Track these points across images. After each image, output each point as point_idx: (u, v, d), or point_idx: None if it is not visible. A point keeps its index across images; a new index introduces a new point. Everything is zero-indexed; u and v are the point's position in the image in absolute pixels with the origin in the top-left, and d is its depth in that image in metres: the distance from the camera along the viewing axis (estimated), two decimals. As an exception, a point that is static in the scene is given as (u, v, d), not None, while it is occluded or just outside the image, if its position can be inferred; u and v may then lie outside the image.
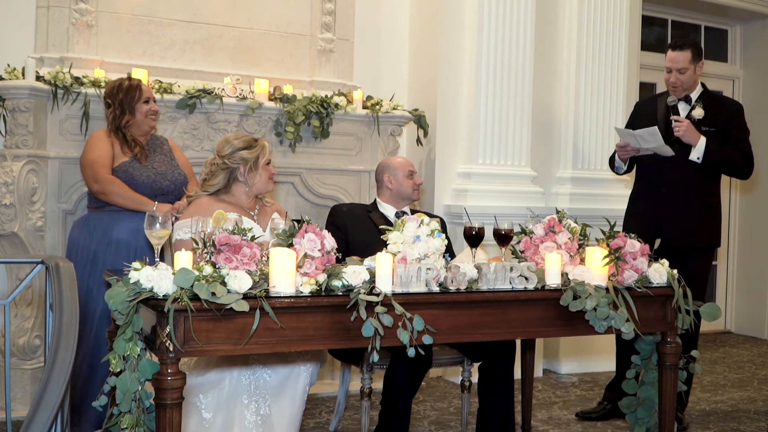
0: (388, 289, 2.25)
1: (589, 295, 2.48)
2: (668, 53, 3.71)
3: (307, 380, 2.80)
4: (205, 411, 2.67)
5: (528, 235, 2.79)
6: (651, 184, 3.75)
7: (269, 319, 2.10)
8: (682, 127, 3.59)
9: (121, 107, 3.25)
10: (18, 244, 3.51)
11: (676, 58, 3.67)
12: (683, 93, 3.74)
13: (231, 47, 4.17)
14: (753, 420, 3.87)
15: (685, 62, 3.66)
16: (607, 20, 4.81)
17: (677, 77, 3.68)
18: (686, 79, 3.69)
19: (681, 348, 2.79)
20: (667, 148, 3.61)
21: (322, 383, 4.08)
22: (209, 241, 2.16)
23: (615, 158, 3.86)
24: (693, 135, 3.59)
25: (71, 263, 2.17)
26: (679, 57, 3.66)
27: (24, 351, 3.58)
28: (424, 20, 4.67)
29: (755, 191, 6.27)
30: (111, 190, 3.17)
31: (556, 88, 4.83)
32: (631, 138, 3.64)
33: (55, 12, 3.77)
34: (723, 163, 3.68)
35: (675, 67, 3.66)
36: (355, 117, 4.23)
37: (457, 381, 4.05)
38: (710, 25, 6.34)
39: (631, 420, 2.99)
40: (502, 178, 4.52)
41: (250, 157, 2.91)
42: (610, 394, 3.80)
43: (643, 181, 3.84)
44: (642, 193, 3.83)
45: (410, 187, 3.36)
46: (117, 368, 2.12)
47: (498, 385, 3.10)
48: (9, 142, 3.55)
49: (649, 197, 3.75)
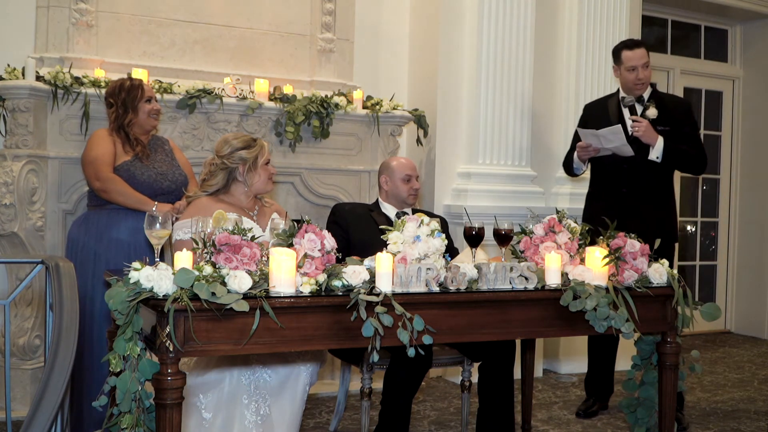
0: (388, 289, 2.25)
1: (589, 295, 2.48)
2: (626, 53, 3.74)
3: (307, 380, 2.80)
4: (205, 411, 2.67)
5: (528, 235, 2.79)
6: (610, 184, 3.78)
7: (269, 319, 2.10)
8: (641, 127, 3.62)
9: (124, 106, 3.26)
10: (18, 244, 3.51)
11: (640, 55, 3.73)
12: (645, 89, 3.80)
13: (231, 47, 4.17)
14: (753, 420, 3.87)
15: (645, 57, 3.74)
16: (607, 20, 4.81)
17: (644, 73, 3.73)
18: (650, 73, 3.78)
19: (681, 348, 2.80)
20: (627, 148, 3.64)
21: (322, 383, 4.08)
22: (209, 241, 2.16)
23: (573, 159, 3.83)
24: (651, 135, 3.63)
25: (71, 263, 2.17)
26: (641, 53, 3.73)
27: (24, 351, 3.58)
28: (424, 20, 4.67)
29: (755, 191, 6.27)
30: (112, 188, 3.17)
31: (557, 88, 4.83)
32: (594, 138, 3.65)
33: (55, 12, 3.77)
34: (681, 161, 3.79)
35: (640, 63, 3.72)
36: (355, 117, 4.23)
37: (457, 381, 4.05)
38: (710, 25, 6.34)
39: (631, 420, 2.99)
40: (502, 178, 4.52)
41: (249, 157, 2.91)
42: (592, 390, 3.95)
43: (601, 181, 3.85)
44: (601, 194, 3.84)
45: (405, 192, 3.35)
46: (117, 368, 2.12)
47: (498, 385, 3.10)
48: (9, 142, 3.56)
49: (609, 197, 3.76)
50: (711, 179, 6.41)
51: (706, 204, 6.42)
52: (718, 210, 6.42)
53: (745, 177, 6.35)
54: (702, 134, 6.30)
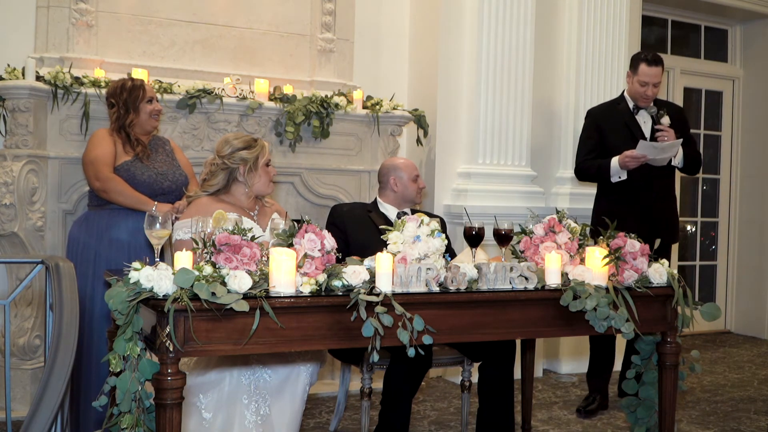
0: (388, 289, 2.24)
1: (589, 295, 2.47)
2: (644, 68, 3.82)
3: (307, 380, 2.80)
4: (205, 411, 2.67)
5: (528, 235, 2.78)
6: (638, 192, 3.83)
7: (269, 319, 2.09)
8: (669, 136, 3.77)
9: (126, 106, 3.26)
10: (18, 244, 3.51)
11: (656, 74, 3.82)
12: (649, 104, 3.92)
13: (231, 47, 4.17)
14: (753, 420, 3.87)
15: (659, 77, 3.85)
16: (607, 20, 4.81)
17: (653, 90, 3.86)
18: (658, 91, 3.90)
19: (681, 348, 2.80)
20: (667, 158, 3.79)
21: (322, 383, 4.08)
22: (209, 241, 2.16)
23: (611, 166, 3.82)
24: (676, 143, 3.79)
25: (71, 263, 2.17)
26: (657, 72, 3.83)
27: (24, 351, 3.58)
28: (424, 20, 4.67)
29: (755, 191, 6.27)
30: (112, 188, 3.17)
31: (557, 88, 4.83)
32: (653, 150, 3.72)
33: (55, 12, 3.77)
34: (693, 165, 3.96)
35: (653, 82, 3.83)
36: (355, 117, 4.23)
37: (457, 381, 4.05)
38: (710, 25, 6.34)
39: (631, 420, 2.99)
40: (502, 178, 4.52)
41: (250, 158, 2.91)
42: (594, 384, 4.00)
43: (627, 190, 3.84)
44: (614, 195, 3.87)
45: (415, 191, 3.35)
46: (117, 368, 2.12)
47: (498, 385, 3.10)
48: (9, 142, 3.56)
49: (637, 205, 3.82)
50: (711, 179, 6.41)
51: (706, 204, 6.42)
52: (718, 210, 6.42)
53: (745, 177, 6.35)
54: (702, 134, 6.33)
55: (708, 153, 6.38)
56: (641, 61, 3.84)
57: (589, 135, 3.99)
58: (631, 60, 3.94)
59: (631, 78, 3.91)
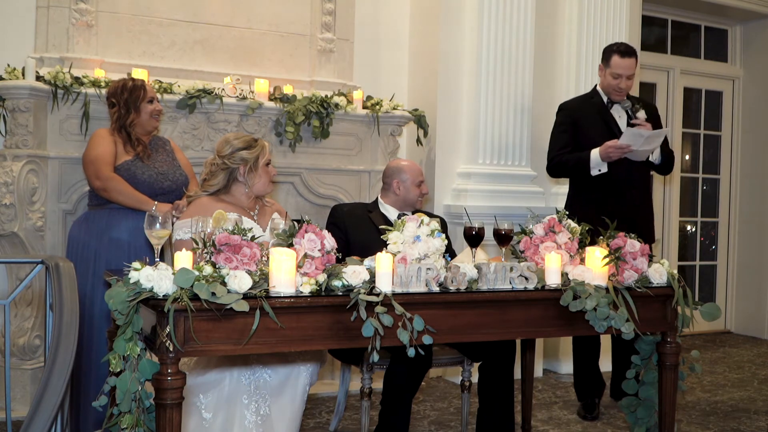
0: (388, 289, 2.25)
1: (589, 295, 2.48)
2: (616, 59, 3.74)
3: (307, 380, 2.80)
4: (205, 411, 2.67)
5: (528, 235, 2.79)
6: (617, 186, 3.74)
7: (269, 319, 2.10)
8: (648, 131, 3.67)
9: (126, 106, 3.26)
10: (18, 244, 3.51)
11: (629, 65, 3.74)
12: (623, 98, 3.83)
13: (231, 47, 4.17)
14: (753, 420, 3.88)
15: (633, 68, 3.76)
16: (607, 20, 4.81)
17: (626, 83, 3.77)
18: (632, 84, 3.81)
19: (681, 348, 2.80)
20: (648, 151, 3.70)
21: (322, 383, 4.08)
22: (209, 241, 2.16)
23: (590, 159, 3.72)
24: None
25: (71, 263, 2.17)
26: (630, 64, 3.75)
27: (24, 351, 3.58)
28: (424, 20, 4.68)
29: (755, 191, 6.26)
30: (112, 187, 3.17)
31: (556, 88, 4.83)
32: (637, 139, 3.61)
33: (55, 12, 3.77)
34: (669, 163, 3.90)
35: (626, 74, 3.74)
36: (355, 117, 4.23)
37: (457, 381, 4.05)
38: (710, 25, 6.34)
39: (630, 420, 2.99)
40: (502, 178, 4.52)
41: (250, 158, 2.91)
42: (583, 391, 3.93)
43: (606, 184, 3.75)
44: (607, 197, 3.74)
45: (416, 196, 3.34)
46: (117, 368, 2.12)
47: (498, 385, 3.10)
48: (9, 142, 3.56)
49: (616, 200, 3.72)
50: (711, 179, 6.41)
51: (706, 204, 6.42)
52: (718, 210, 6.41)
53: (745, 177, 6.35)
54: (702, 134, 6.33)
55: (708, 153, 6.39)
56: (614, 52, 3.76)
57: (563, 129, 3.88)
58: (603, 52, 3.86)
59: (603, 71, 3.82)
